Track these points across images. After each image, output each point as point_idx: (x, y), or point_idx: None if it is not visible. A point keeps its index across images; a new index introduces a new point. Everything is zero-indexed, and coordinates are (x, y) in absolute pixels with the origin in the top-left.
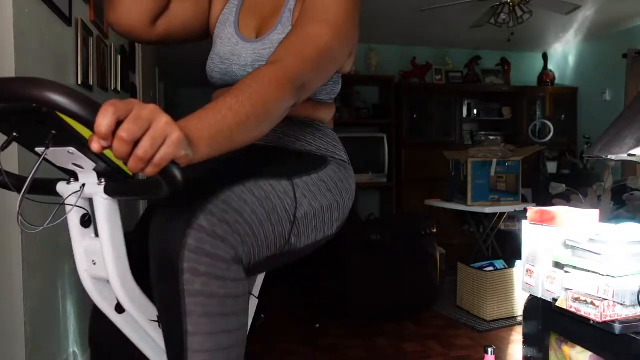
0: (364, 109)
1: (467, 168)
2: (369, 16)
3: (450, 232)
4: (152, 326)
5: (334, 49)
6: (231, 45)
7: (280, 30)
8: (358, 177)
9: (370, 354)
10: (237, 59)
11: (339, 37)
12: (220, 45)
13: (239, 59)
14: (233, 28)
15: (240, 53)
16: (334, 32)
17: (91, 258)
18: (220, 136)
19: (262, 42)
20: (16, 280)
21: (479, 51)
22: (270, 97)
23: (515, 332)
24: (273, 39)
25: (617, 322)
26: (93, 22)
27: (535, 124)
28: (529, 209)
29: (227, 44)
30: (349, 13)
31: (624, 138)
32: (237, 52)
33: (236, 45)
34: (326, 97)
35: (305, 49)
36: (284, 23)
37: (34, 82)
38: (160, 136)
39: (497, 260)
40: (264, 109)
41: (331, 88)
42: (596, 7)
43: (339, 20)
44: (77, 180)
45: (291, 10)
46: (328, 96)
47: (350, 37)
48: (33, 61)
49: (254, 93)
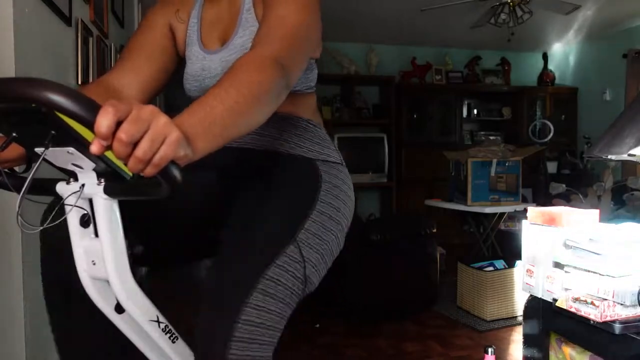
0: (364, 109)
1: (467, 168)
2: (369, 16)
3: (450, 232)
4: (151, 326)
5: (307, 26)
6: (199, 62)
7: (241, 33)
8: (358, 177)
9: (370, 353)
10: (208, 72)
11: (308, 13)
12: (190, 64)
13: (209, 72)
14: (197, 45)
15: (210, 66)
16: (302, 9)
17: (91, 258)
18: (214, 127)
19: (227, 49)
20: (16, 280)
21: (479, 51)
22: (254, 78)
23: (515, 332)
24: (236, 44)
25: (617, 322)
26: (93, 22)
27: (535, 124)
28: (529, 209)
29: (195, 62)
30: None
31: (624, 138)
32: (207, 66)
33: (204, 60)
34: (303, 87)
35: (278, 30)
36: (244, 25)
37: (33, 82)
38: (159, 137)
39: (497, 260)
40: (250, 91)
41: (306, 75)
42: (596, 7)
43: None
44: (77, 181)
45: (250, 10)
46: (305, 85)
47: (318, 13)
48: (33, 61)
49: (236, 78)
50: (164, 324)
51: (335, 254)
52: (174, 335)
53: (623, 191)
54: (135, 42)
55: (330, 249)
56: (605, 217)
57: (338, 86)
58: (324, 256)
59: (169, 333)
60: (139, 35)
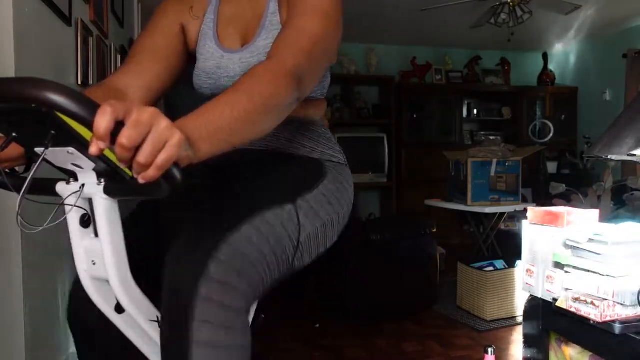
0: (364, 109)
1: (467, 168)
2: (369, 16)
3: (450, 232)
4: (151, 326)
5: (327, 38)
6: (215, 59)
7: (264, 36)
8: (358, 177)
9: (370, 354)
10: (225, 71)
11: (330, 25)
12: (204, 61)
13: (226, 71)
14: (214, 42)
15: (227, 65)
16: (324, 21)
17: (91, 258)
18: (220, 133)
19: (249, 50)
20: (16, 280)
21: (479, 51)
22: (267, 90)
23: (515, 332)
24: (259, 46)
25: (617, 322)
26: (93, 22)
27: (535, 124)
28: (529, 209)
29: (210, 59)
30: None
31: (624, 138)
32: (224, 64)
33: (221, 59)
34: (317, 93)
35: (299, 41)
36: (268, 28)
37: (33, 82)
38: (161, 141)
39: (497, 260)
40: (262, 102)
41: (322, 83)
42: (596, 7)
43: (327, 8)
44: (77, 181)
45: (275, 14)
46: (319, 92)
47: (339, 24)
48: (33, 61)
49: (250, 88)
50: None
51: (328, 242)
52: None
53: (623, 191)
54: (140, 44)
55: (325, 232)
56: (605, 217)
57: (338, 86)
58: (318, 235)
59: None
60: (145, 37)
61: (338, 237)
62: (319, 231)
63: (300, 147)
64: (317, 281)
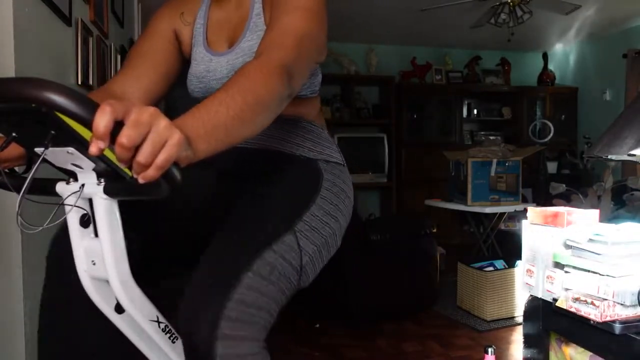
0: (364, 109)
1: (467, 168)
2: (369, 16)
3: (450, 232)
4: (151, 326)
5: (312, 34)
6: (205, 63)
7: (249, 37)
8: (358, 177)
9: (370, 354)
10: (214, 74)
11: (315, 21)
12: (195, 65)
13: (215, 73)
14: (203, 47)
15: (215, 68)
16: (309, 17)
17: (91, 258)
18: (217, 131)
19: (234, 52)
20: (16, 280)
21: (479, 51)
22: (259, 87)
23: (515, 332)
24: (244, 47)
25: (617, 322)
26: (93, 22)
27: (535, 124)
28: (529, 209)
29: (200, 63)
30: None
31: (624, 138)
32: (212, 67)
33: (210, 62)
34: (308, 92)
35: (285, 38)
36: (252, 29)
37: (33, 82)
38: (161, 140)
39: (497, 260)
40: (254, 99)
41: (311, 81)
42: (596, 7)
43: (310, 5)
44: (77, 181)
45: (260, 15)
46: (310, 90)
47: (324, 20)
48: (33, 61)
49: (242, 86)
50: (164, 324)
51: (332, 251)
52: (174, 336)
53: (623, 191)
54: (137, 49)
55: (327, 245)
56: (605, 217)
57: (338, 86)
58: (321, 251)
59: (169, 333)
60: (141, 41)
61: None
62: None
63: (294, 146)
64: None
